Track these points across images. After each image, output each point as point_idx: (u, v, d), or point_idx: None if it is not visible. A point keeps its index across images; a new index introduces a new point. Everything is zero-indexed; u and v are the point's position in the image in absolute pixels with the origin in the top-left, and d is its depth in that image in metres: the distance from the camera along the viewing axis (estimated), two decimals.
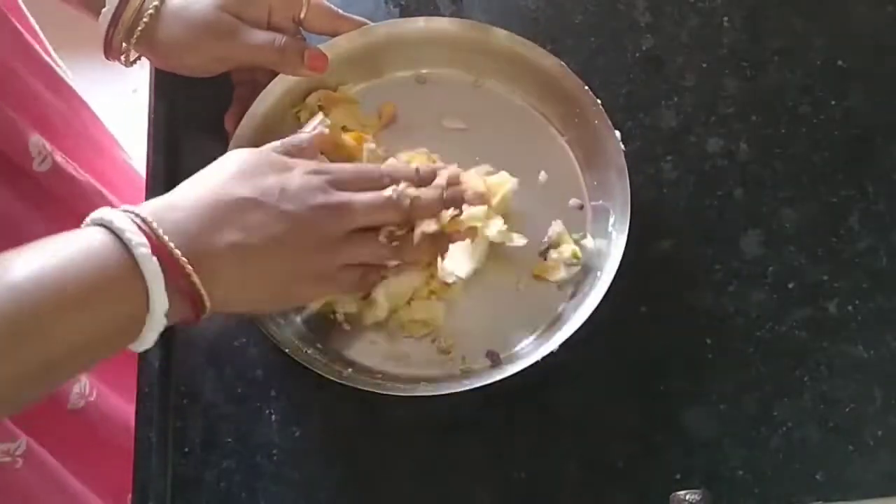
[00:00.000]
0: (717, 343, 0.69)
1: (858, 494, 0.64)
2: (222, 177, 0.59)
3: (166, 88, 0.77)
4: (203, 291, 0.54)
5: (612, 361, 0.69)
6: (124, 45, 0.69)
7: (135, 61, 0.72)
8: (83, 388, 0.85)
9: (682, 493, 0.59)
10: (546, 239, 0.70)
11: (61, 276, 0.50)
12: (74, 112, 0.93)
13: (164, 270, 0.52)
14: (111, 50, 0.70)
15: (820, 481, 0.65)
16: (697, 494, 0.59)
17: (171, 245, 0.53)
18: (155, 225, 0.53)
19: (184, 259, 0.53)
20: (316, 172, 0.61)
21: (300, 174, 0.60)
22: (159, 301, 0.52)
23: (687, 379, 0.68)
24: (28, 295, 0.49)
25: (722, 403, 0.67)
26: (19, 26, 0.83)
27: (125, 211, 0.54)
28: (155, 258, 0.52)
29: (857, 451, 0.66)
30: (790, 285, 0.71)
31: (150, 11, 0.68)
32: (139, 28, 0.68)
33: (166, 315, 0.53)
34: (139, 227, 0.52)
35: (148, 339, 0.54)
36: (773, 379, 0.68)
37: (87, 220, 0.54)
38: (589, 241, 0.70)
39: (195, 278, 0.54)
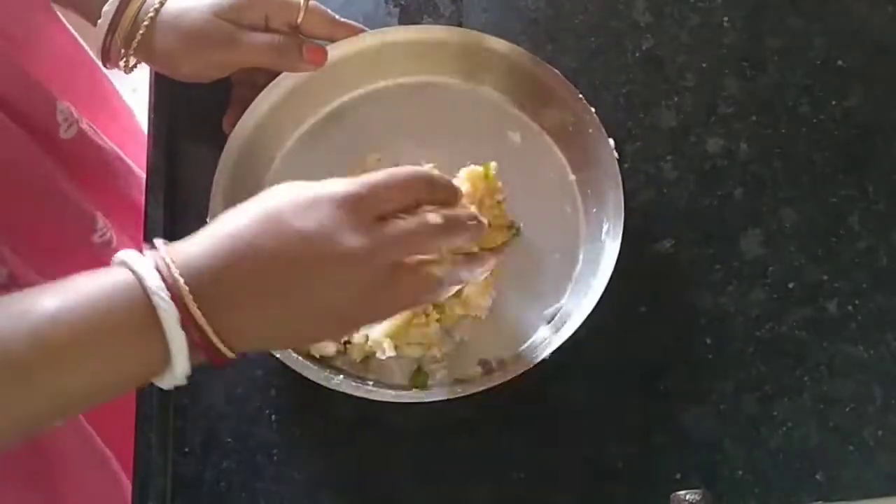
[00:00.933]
0: (717, 343, 0.69)
1: (858, 494, 0.64)
2: (244, 225, 0.51)
3: (166, 88, 0.77)
4: (222, 347, 0.50)
5: (612, 361, 0.69)
6: (122, 51, 0.69)
7: (134, 67, 0.72)
8: None
9: (682, 493, 0.59)
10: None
11: (82, 315, 0.48)
12: (97, 84, 0.94)
13: (184, 326, 0.49)
14: (109, 58, 0.70)
15: (820, 481, 0.65)
16: (697, 494, 0.59)
17: (202, 319, 0.49)
18: (179, 278, 0.49)
19: (215, 338, 0.50)
20: (346, 205, 0.52)
21: (326, 213, 0.51)
22: (180, 366, 0.49)
23: (687, 379, 0.68)
24: (50, 331, 0.47)
25: (722, 403, 0.67)
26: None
27: (150, 257, 0.50)
28: (182, 330, 0.49)
29: (857, 451, 0.66)
30: (790, 285, 0.71)
31: (146, 23, 0.68)
32: (136, 39, 0.68)
33: (189, 358, 0.50)
34: (168, 290, 0.48)
35: (169, 381, 0.51)
36: (773, 379, 0.68)
37: (117, 260, 0.51)
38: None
39: (216, 342, 0.50)
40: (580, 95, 0.71)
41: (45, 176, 0.78)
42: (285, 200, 0.52)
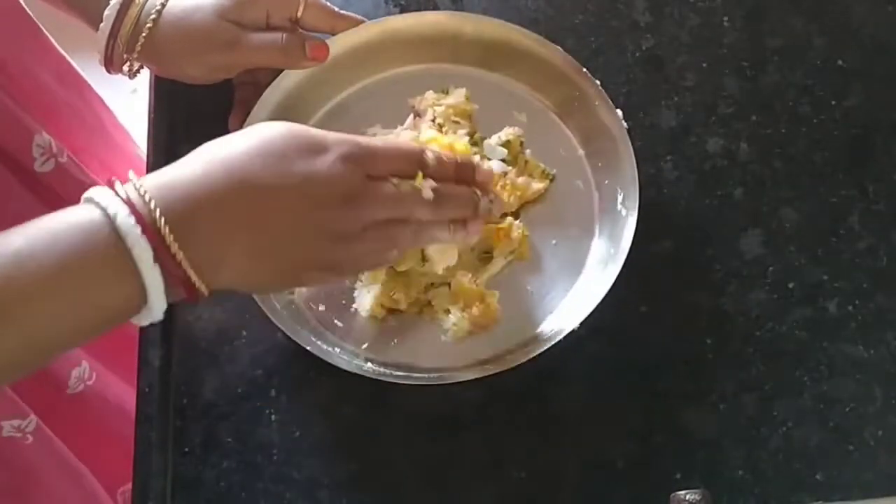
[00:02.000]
0: (717, 343, 0.69)
1: (858, 494, 0.64)
2: (242, 154, 0.53)
3: (166, 88, 0.77)
4: (198, 281, 0.51)
5: (612, 361, 0.69)
6: (125, 56, 0.69)
7: (138, 72, 0.72)
8: (83, 372, 0.85)
9: (682, 493, 0.59)
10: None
11: (49, 252, 0.47)
12: (87, 105, 0.93)
13: (158, 258, 0.49)
14: (112, 63, 0.70)
15: (820, 481, 0.65)
16: (697, 494, 0.59)
17: (178, 252, 0.49)
18: (154, 208, 0.49)
19: (183, 258, 0.49)
20: (349, 159, 0.55)
21: (331, 162, 0.54)
22: (157, 303, 0.50)
23: (687, 379, 0.68)
24: (16, 270, 0.47)
25: (722, 403, 0.67)
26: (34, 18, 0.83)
27: (122, 189, 0.50)
28: (145, 239, 0.48)
29: (857, 451, 0.66)
30: (790, 285, 0.71)
31: (149, 25, 0.68)
32: (139, 43, 0.68)
33: (165, 294, 0.50)
34: (134, 209, 0.49)
35: (147, 318, 0.51)
36: (773, 379, 0.68)
37: (84, 196, 0.51)
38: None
39: (193, 277, 0.50)
40: (584, 69, 0.71)
41: (25, 202, 0.77)
42: (287, 139, 0.54)
